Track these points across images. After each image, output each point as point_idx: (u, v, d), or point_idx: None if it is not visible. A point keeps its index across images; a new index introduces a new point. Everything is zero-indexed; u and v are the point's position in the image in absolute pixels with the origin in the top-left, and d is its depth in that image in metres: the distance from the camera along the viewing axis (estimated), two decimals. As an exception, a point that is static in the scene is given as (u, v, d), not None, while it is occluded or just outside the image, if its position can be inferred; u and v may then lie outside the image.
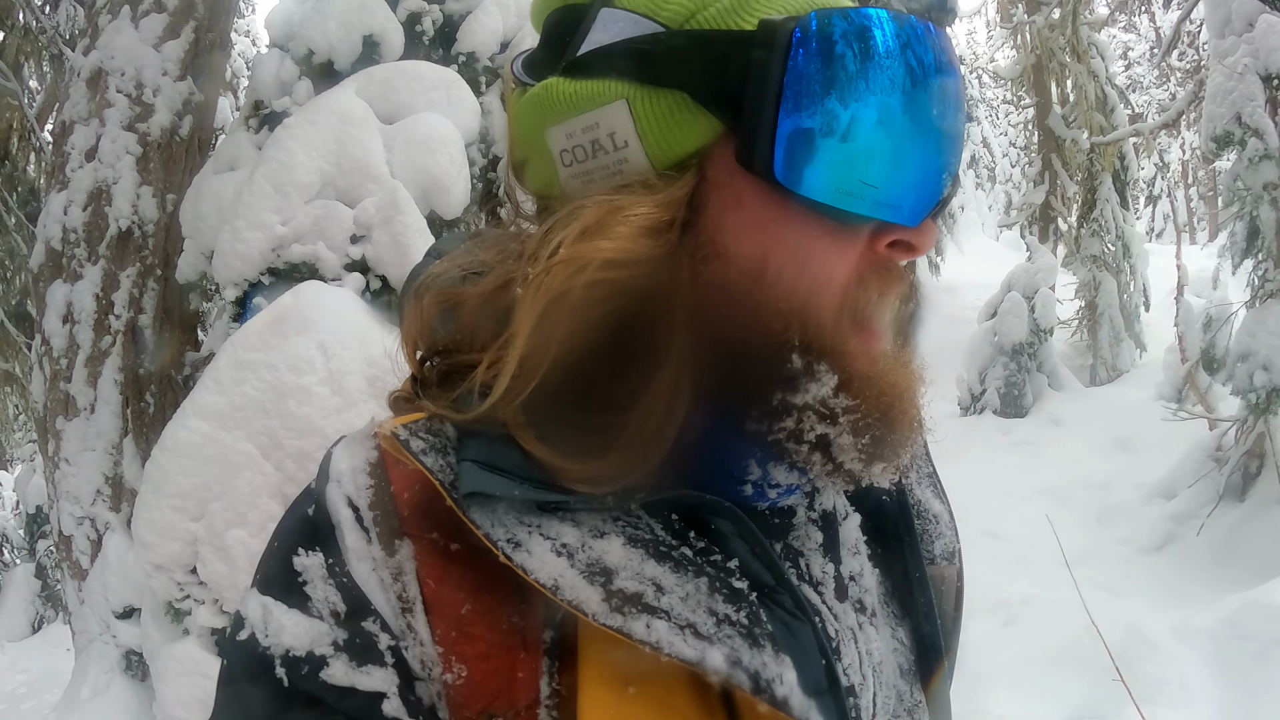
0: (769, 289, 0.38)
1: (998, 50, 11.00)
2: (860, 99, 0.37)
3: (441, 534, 0.38)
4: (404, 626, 0.37)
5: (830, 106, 0.36)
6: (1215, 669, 2.66)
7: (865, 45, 0.37)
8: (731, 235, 0.39)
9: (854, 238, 0.39)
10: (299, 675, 0.36)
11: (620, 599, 0.35)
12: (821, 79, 0.36)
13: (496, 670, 0.36)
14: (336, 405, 1.91)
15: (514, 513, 0.37)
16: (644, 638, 0.35)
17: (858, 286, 0.40)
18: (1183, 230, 11.77)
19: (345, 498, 0.39)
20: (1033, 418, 6.45)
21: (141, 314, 3.11)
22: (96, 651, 2.93)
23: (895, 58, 0.37)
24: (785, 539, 0.43)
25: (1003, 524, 4.39)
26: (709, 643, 0.35)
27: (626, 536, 0.38)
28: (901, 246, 0.40)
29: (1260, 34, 3.92)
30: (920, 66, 0.38)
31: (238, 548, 2.02)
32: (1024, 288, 6.77)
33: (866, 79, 0.37)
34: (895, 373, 0.40)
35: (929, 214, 0.40)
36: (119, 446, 3.07)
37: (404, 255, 2.10)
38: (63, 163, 3.07)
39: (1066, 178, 8.09)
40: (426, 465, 0.38)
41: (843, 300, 0.39)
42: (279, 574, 0.39)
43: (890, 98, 0.37)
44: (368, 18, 2.59)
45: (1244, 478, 4.33)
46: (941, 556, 0.51)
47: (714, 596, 0.37)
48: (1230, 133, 4.00)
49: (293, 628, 0.37)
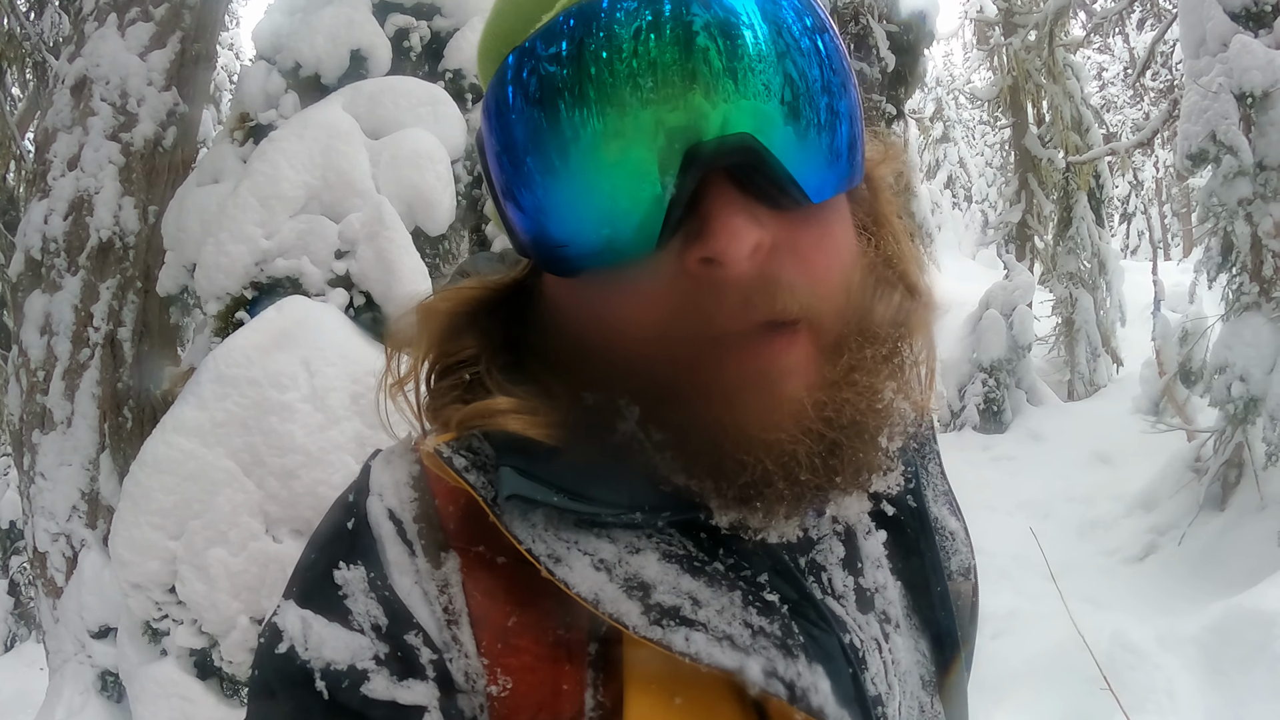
0: (606, 351, 0.38)
1: (974, 72, 11.23)
2: (517, 153, 0.37)
3: (488, 548, 0.38)
4: (449, 639, 0.37)
5: (505, 176, 0.38)
6: (1202, 676, 2.69)
7: (504, 104, 0.37)
8: (557, 315, 0.42)
9: (640, 279, 0.36)
10: (340, 689, 0.36)
11: (659, 612, 0.36)
12: (496, 158, 0.39)
13: (541, 682, 0.37)
14: (320, 422, 1.89)
15: (553, 528, 0.37)
16: (683, 649, 0.35)
17: (688, 316, 0.36)
18: (1158, 246, 11.99)
19: (387, 511, 0.39)
20: (1012, 433, 6.53)
21: (121, 327, 3.06)
22: (71, 671, 2.86)
23: (519, 87, 0.36)
24: (808, 554, 0.43)
25: (985, 538, 4.38)
26: (746, 654, 0.36)
27: (661, 552, 0.38)
28: (703, 260, 0.35)
29: (1234, 54, 4.03)
30: (580, 75, 0.34)
31: (218, 566, 1.98)
32: (1002, 305, 6.87)
33: (512, 131, 0.37)
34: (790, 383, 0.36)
35: (671, 223, 0.35)
36: (96, 462, 3.01)
37: (389, 271, 2.10)
38: (44, 171, 3.04)
39: (1043, 196, 8.25)
40: (470, 482, 0.38)
41: (683, 335, 0.36)
42: (319, 587, 0.38)
43: (540, 145, 0.36)
44: (356, 32, 2.59)
45: (1223, 487, 4.40)
46: (958, 572, 0.52)
47: (748, 609, 0.37)
48: (1205, 150, 4.10)
49: (333, 641, 0.37)
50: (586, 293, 0.38)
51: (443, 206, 2.28)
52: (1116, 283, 8.03)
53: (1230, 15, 4.17)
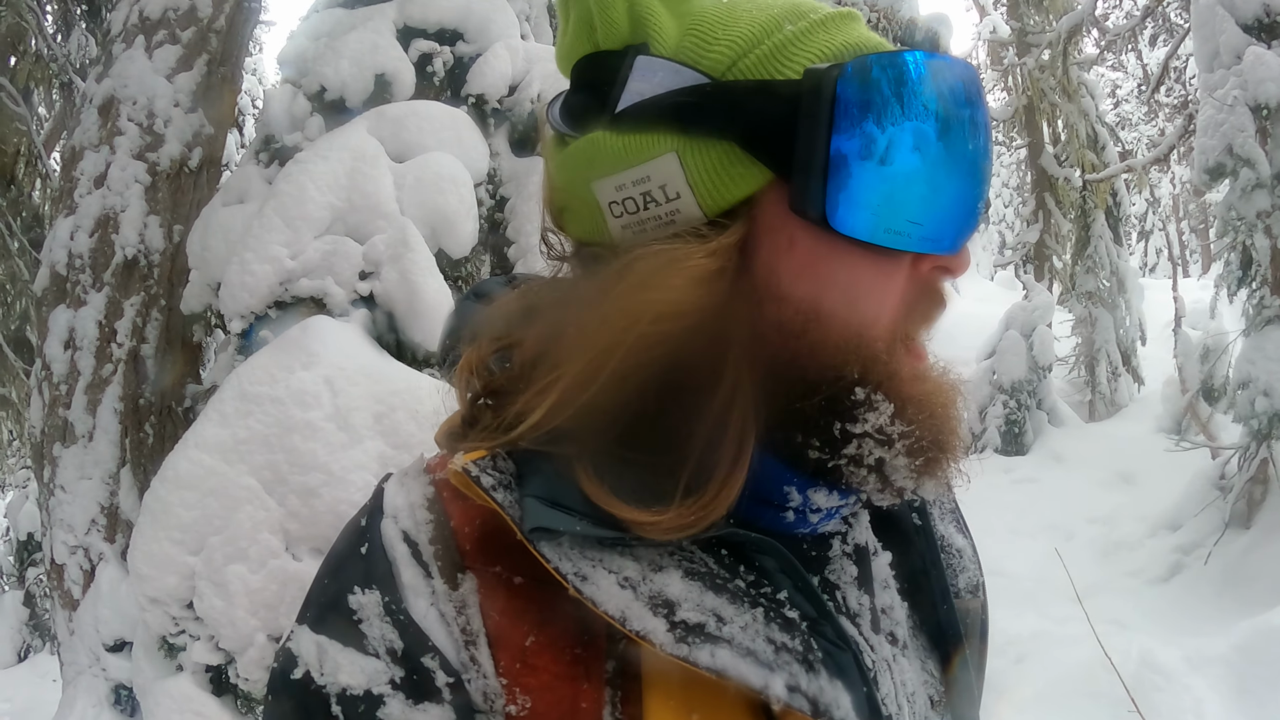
0: (824, 327, 0.39)
1: (989, 92, 11.23)
2: (906, 136, 0.38)
3: (505, 567, 0.39)
4: (466, 659, 0.37)
5: (878, 146, 0.37)
6: (1230, 696, 2.64)
7: (908, 85, 0.38)
8: (785, 277, 0.40)
9: (898, 268, 0.41)
10: (356, 714, 0.37)
11: (684, 629, 0.36)
12: (870, 126, 0.37)
13: (560, 701, 0.37)
14: (342, 441, 1.90)
15: (578, 547, 0.38)
16: (710, 665, 0.35)
17: (905, 313, 0.41)
18: (1177, 263, 11.89)
19: (402, 533, 0.40)
20: (1034, 455, 6.45)
21: (144, 343, 3.10)
22: (85, 684, 2.86)
23: (934, 95, 0.38)
24: (822, 572, 0.44)
25: (1008, 561, 4.36)
26: (770, 670, 0.36)
27: (684, 570, 0.39)
28: (941, 269, 0.42)
29: (1248, 66, 4.01)
30: (958, 102, 0.39)
31: (236, 583, 1.99)
32: (1021, 326, 6.82)
33: (912, 118, 0.38)
34: (942, 391, 0.42)
35: (966, 239, 0.42)
36: (116, 476, 3.04)
37: (412, 292, 2.11)
38: (71, 188, 3.09)
39: (1060, 216, 8.21)
40: (498, 501, 0.38)
41: (894, 329, 0.41)
42: (334, 612, 0.39)
43: (931, 137, 0.38)
44: (380, 57, 2.63)
45: (1249, 504, 4.32)
46: (966, 590, 0.52)
47: (770, 626, 0.38)
48: (1223, 164, 4.07)
49: (349, 666, 0.37)
50: (859, 275, 0.40)
51: (466, 229, 2.30)
52: (1136, 301, 7.95)
53: (1243, 28, 4.16)
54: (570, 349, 0.39)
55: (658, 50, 0.41)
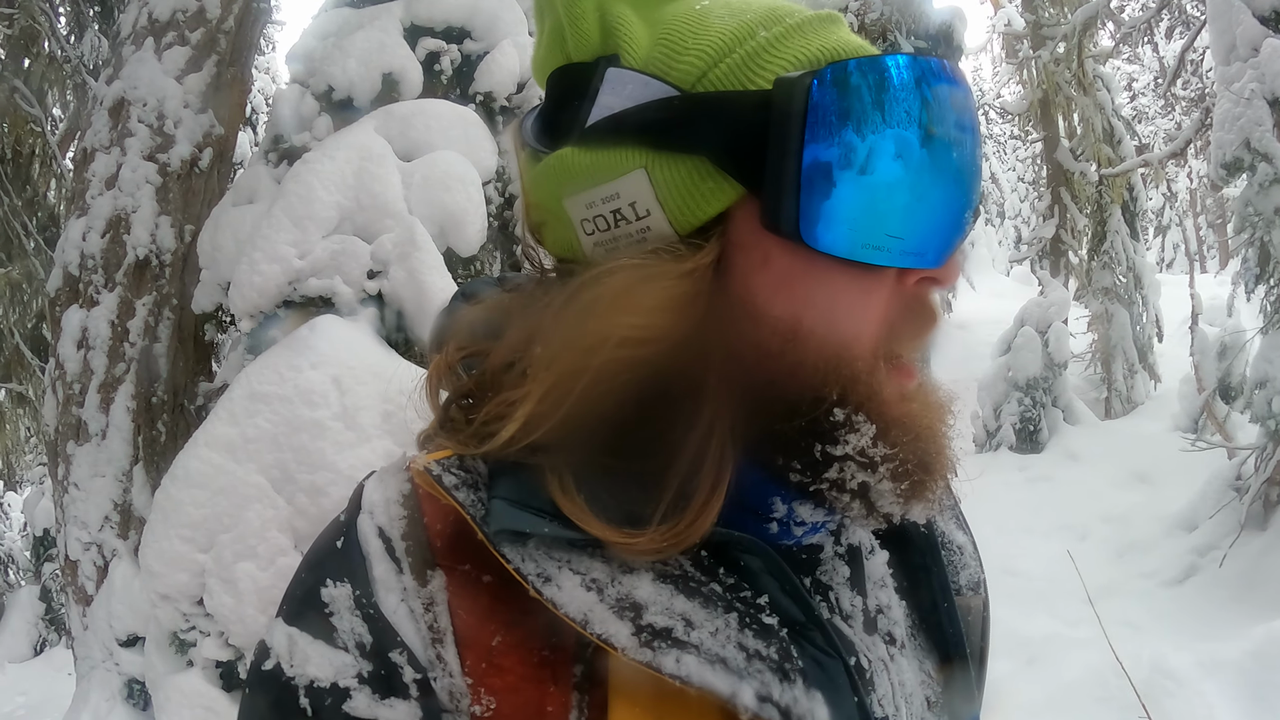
0: (803, 347, 0.38)
1: (1004, 86, 11.12)
2: (887, 144, 0.36)
3: (474, 566, 0.38)
4: (433, 657, 0.37)
5: (858, 155, 0.36)
6: (1243, 702, 2.60)
7: (889, 90, 0.36)
8: (761, 295, 0.38)
9: (880, 284, 0.39)
10: (323, 706, 0.36)
11: (650, 633, 0.35)
12: (849, 134, 0.36)
13: (526, 703, 0.36)
14: (350, 440, 1.91)
15: (544, 547, 0.37)
16: (674, 671, 0.35)
17: (889, 330, 0.39)
18: (1194, 259, 11.72)
19: (377, 528, 0.39)
20: (1049, 453, 6.38)
21: (156, 342, 3.13)
22: (98, 678, 2.90)
23: (913, 99, 0.37)
24: (813, 574, 0.43)
25: (1022, 561, 4.32)
26: (739, 677, 0.35)
27: (656, 572, 0.38)
28: (928, 281, 0.40)
29: (1265, 58, 3.94)
30: (944, 107, 0.37)
31: (246, 580, 2.00)
32: (1037, 322, 6.74)
33: (895, 125, 0.36)
34: (928, 412, 0.40)
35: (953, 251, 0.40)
36: (129, 474, 3.07)
37: (420, 291, 2.11)
38: (83, 189, 3.12)
39: (1076, 211, 8.10)
40: (459, 500, 0.38)
41: (875, 347, 0.39)
42: (306, 604, 0.39)
43: (914, 144, 0.37)
44: (387, 56, 2.63)
45: (1265, 506, 4.25)
46: (967, 587, 0.51)
47: (744, 632, 0.37)
48: (1240, 158, 4.00)
49: (318, 659, 0.37)
50: (838, 292, 0.38)
51: (474, 228, 2.30)
52: (1153, 297, 7.85)
53: (1260, 19, 4.07)
54: (536, 367, 0.38)
55: (628, 61, 0.39)
